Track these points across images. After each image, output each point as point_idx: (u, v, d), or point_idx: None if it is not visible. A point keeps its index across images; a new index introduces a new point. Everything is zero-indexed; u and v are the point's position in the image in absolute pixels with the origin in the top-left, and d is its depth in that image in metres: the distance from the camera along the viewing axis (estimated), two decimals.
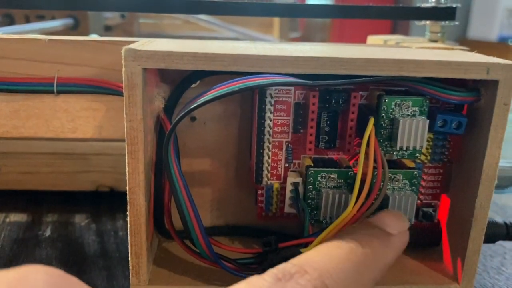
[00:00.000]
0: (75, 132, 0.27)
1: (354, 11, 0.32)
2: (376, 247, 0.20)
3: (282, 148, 0.25)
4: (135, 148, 0.21)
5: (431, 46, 0.30)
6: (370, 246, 0.20)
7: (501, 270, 0.31)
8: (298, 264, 0.18)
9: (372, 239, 0.20)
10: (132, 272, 0.23)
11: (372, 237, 0.20)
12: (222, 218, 0.29)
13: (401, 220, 0.22)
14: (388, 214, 0.22)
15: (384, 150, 0.24)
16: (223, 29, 0.72)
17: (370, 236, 0.20)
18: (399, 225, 0.21)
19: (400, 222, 0.21)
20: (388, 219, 0.21)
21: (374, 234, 0.21)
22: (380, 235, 0.21)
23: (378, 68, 0.21)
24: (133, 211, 0.22)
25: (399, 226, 0.21)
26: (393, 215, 0.22)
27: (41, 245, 0.32)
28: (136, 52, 0.20)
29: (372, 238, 0.20)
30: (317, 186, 0.24)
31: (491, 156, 0.22)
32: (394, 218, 0.21)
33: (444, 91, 0.22)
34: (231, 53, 0.21)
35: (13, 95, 0.26)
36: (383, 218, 0.21)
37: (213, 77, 0.24)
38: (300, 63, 0.21)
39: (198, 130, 0.27)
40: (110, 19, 0.69)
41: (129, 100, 0.21)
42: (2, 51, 0.26)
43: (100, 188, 0.40)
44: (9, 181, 0.39)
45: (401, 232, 0.21)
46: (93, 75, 0.26)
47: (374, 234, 0.21)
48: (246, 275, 0.23)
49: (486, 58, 0.22)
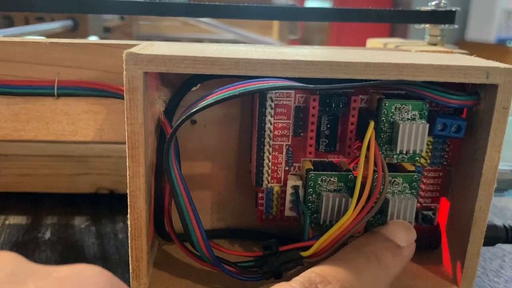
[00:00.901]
0: (75, 135, 0.27)
1: (354, 15, 0.32)
2: (388, 259, 0.21)
3: (283, 152, 0.25)
4: (136, 152, 0.21)
5: (431, 50, 0.31)
6: (384, 259, 0.21)
7: (500, 272, 0.31)
8: (321, 274, 0.19)
9: (385, 252, 0.21)
10: (132, 275, 0.23)
11: (384, 250, 0.22)
12: (222, 221, 0.29)
13: (410, 232, 0.23)
14: (398, 226, 0.23)
15: (384, 154, 0.24)
16: (222, 31, 0.72)
17: (382, 249, 0.22)
18: (408, 237, 0.23)
19: (409, 234, 0.23)
20: (398, 231, 0.23)
21: (386, 246, 0.22)
22: (391, 248, 0.22)
23: (378, 72, 0.21)
24: (133, 214, 0.22)
25: (408, 238, 0.23)
26: (403, 227, 0.23)
27: (41, 248, 0.32)
28: (137, 56, 0.20)
29: (384, 251, 0.22)
30: (317, 189, 0.24)
31: (490, 159, 0.23)
32: (404, 230, 0.23)
33: (443, 95, 0.23)
34: (231, 57, 0.21)
35: (13, 98, 0.26)
36: (394, 231, 0.23)
37: (213, 81, 0.24)
38: (301, 67, 0.21)
39: (198, 133, 0.27)
40: (109, 20, 0.69)
41: (130, 103, 0.21)
42: (2, 54, 0.26)
43: (100, 190, 0.40)
44: (8, 183, 0.39)
45: (409, 244, 0.23)
46: (94, 78, 0.26)
47: (386, 246, 0.22)
48: (246, 278, 0.23)
49: (485, 62, 0.23)
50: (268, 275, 0.23)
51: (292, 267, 0.23)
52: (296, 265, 0.23)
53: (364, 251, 0.21)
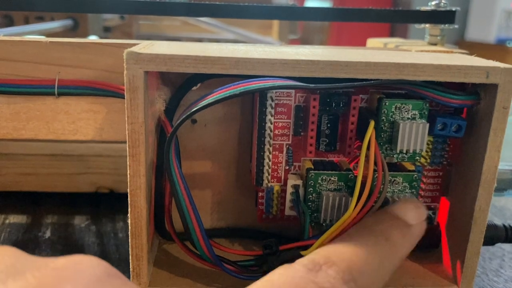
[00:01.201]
0: (75, 134, 0.27)
1: (354, 14, 0.32)
2: (397, 238, 0.20)
3: (283, 151, 0.25)
4: (137, 151, 0.21)
5: (431, 49, 0.31)
6: (392, 237, 0.20)
7: (500, 272, 0.31)
8: (325, 255, 0.18)
9: (393, 230, 0.20)
10: (132, 275, 0.23)
11: (393, 229, 0.20)
12: (222, 220, 0.29)
13: (420, 209, 0.22)
14: (409, 203, 0.22)
15: (384, 153, 0.24)
16: (222, 30, 0.72)
17: (391, 227, 0.20)
18: (419, 215, 0.21)
19: (419, 212, 0.21)
20: (408, 209, 0.21)
21: (395, 225, 0.21)
22: (400, 226, 0.21)
23: (378, 72, 0.21)
24: (134, 213, 0.22)
25: (418, 216, 0.21)
26: (413, 205, 0.22)
27: (41, 247, 0.32)
28: (138, 55, 0.20)
29: (393, 229, 0.20)
30: (317, 188, 0.24)
31: (490, 159, 0.23)
32: (414, 208, 0.21)
33: (443, 95, 0.23)
34: (232, 57, 0.21)
35: (14, 97, 0.26)
36: (404, 208, 0.21)
37: (213, 80, 0.24)
38: (301, 67, 0.21)
39: (198, 133, 0.27)
40: (109, 20, 0.69)
41: (131, 102, 0.21)
42: (3, 53, 0.26)
43: (100, 189, 0.40)
44: (8, 182, 0.39)
45: (419, 222, 0.21)
46: (94, 77, 0.26)
47: (394, 225, 0.21)
48: (246, 277, 0.23)
49: (485, 62, 0.23)
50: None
51: None
52: None
53: (372, 230, 0.20)
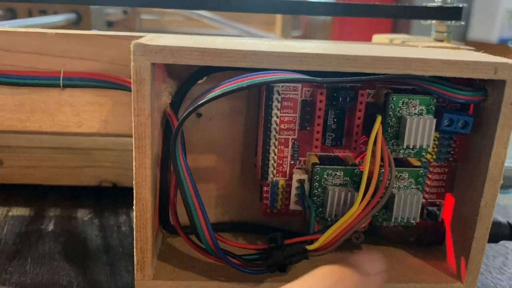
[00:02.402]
0: (80, 126, 0.27)
1: (360, 10, 0.32)
2: (357, 284, 0.20)
3: (288, 145, 0.25)
4: (143, 143, 0.21)
5: (438, 46, 0.30)
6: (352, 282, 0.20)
7: (504, 269, 0.31)
8: None
9: (353, 276, 0.21)
10: (137, 267, 0.23)
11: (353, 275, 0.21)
12: (226, 214, 0.29)
13: (378, 261, 0.22)
14: (367, 256, 0.22)
15: (391, 149, 0.24)
16: (225, 26, 0.72)
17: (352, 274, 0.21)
18: (378, 265, 0.22)
19: (378, 263, 0.22)
20: (366, 260, 0.22)
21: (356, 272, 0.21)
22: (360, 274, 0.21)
23: (386, 66, 0.21)
24: (139, 206, 0.22)
25: (378, 267, 0.22)
26: (371, 257, 0.22)
27: (44, 240, 0.32)
28: (145, 46, 0.20)
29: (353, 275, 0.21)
30: (323, 183, 0.24)
31: (497, 155, 0.22)
32: (372, 260, 0.22)
33: (451, 90, 0.22)
34: (239, 49, 0.21)
35: (18, 89, 0.26)
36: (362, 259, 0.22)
37: (219, 73, 0.24)
38: (309, 60, 0.21)
39: (203, 126, 0.27)
40: (112, 15, 0.69)
41: (137, 94, 0.21)
42: (8, 44, 0.26)
43: (103, 183, 0.40)
44: (12, 175, 0.39)
45: (378, 272, 0.22)
46: (99, 69, 0.26)
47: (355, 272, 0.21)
48: (251, 271, 0.23)
49: (493, 58, 0.23)
50: (273, 268, 0.23)
51: (297, 261, 0.23)
52: (301, 258, 0.23)
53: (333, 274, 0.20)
